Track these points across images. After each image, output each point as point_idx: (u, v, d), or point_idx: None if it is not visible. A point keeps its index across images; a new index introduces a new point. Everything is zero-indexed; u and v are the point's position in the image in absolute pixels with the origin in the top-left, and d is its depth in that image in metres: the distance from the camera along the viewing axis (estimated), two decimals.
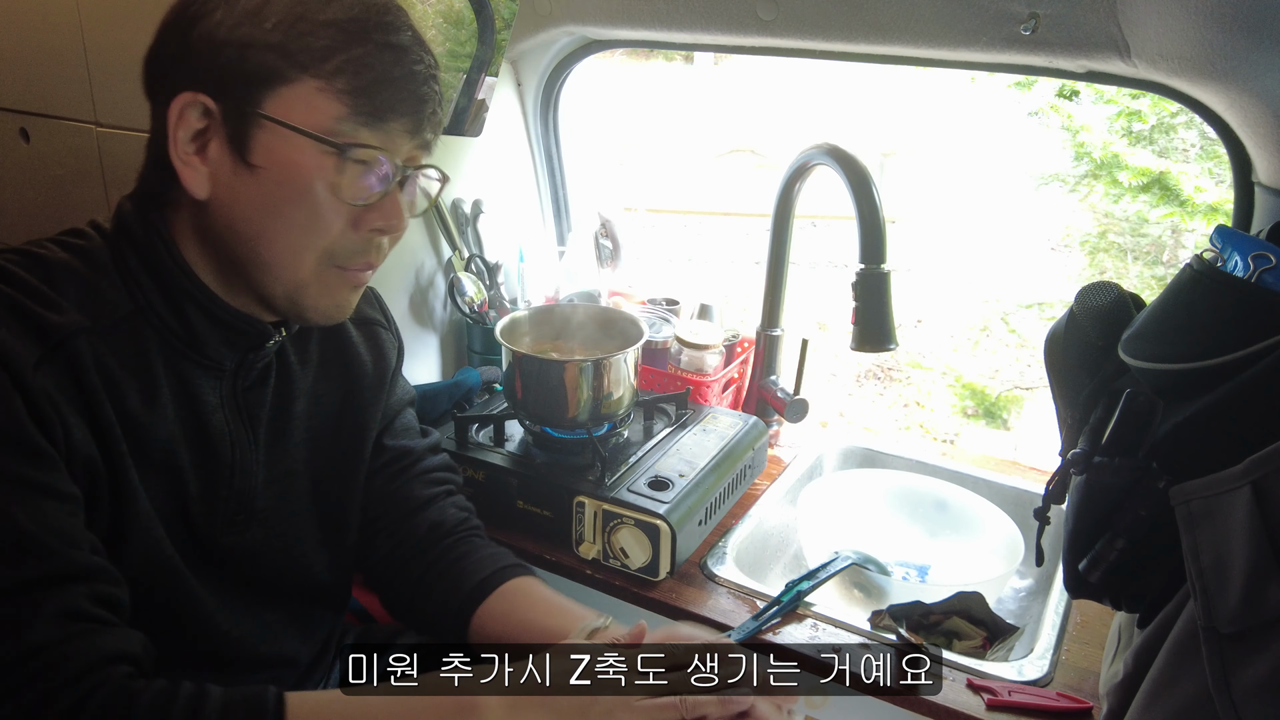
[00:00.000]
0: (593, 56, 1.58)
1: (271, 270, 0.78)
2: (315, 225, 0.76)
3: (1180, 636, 0.69)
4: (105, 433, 0.72)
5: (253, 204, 0.75)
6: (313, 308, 0.81)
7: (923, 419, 4.38)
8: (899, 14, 1.14)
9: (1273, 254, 0.71)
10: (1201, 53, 0.96)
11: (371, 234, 0.79)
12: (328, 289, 0.80)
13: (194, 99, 0.74)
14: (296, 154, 0.74)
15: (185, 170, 0.75)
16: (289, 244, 0.77)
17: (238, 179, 0.75)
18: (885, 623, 1.05)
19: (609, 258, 1.60)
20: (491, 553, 0.98)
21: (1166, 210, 3.80)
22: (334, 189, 0.75)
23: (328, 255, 0.78)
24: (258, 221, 0.76)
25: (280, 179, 0.74)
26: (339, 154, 0.74)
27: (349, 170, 0.75)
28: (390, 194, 0.78)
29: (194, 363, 0.80)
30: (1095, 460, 0.76)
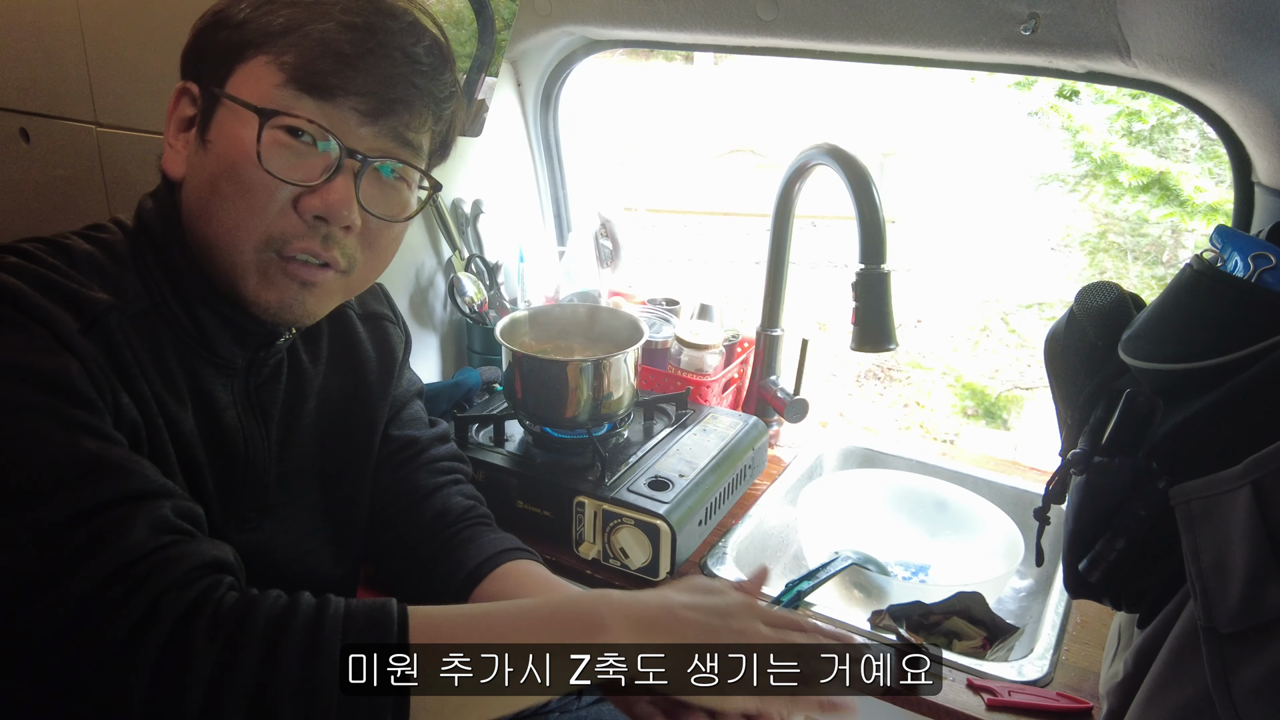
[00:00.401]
0: (593, 56, 1.58)
1: (215, 253, 0.76)
2: (245, 200, 0.73)
3: (1180, 636, 0.69)
4: (146, 406, 0.72)
5: (203, 181, 0.75)
6: (254, 300, 0.76)
7: (923, 419, 4.38)
8: (899, 14, 1.14)
9: (1273, 254, 0.71)
10: (1201, 53, 0.96)
11: (316, 221, 0.74)
12: (268, 280, 0.76)
13: (185, 87, 0.76)
14: (236, 127, 0.73)
15: (169, 153, 0.78)
16: (224, 222, 0.74)
17: (197, 158, 0.76)
18: (885, 623, 1.05)
19: (609, 258, 1.60)
20: (495, 537, 0.97)
21: (1166, 210, 3.80)
22: (259, 159, 0.71)
23: (265, 239, 0.74)
24: (203, 201, 0.75)
25: (220, 152, 0.74)
26: (261, 117, 0.71)
27: (276, 139, 0.72)
28: (339, 180, 0.74)
29: (206, 361, 0.80)
30: (1095, 460, 0.76)
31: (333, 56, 0.72)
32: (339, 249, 0.76)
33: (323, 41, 0.72)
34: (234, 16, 0.74)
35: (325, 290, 0.78)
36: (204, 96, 0.75)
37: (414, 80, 0.75)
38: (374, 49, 0.73)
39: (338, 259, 0.76)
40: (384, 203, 0.78)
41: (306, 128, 0.72)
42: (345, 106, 0.73)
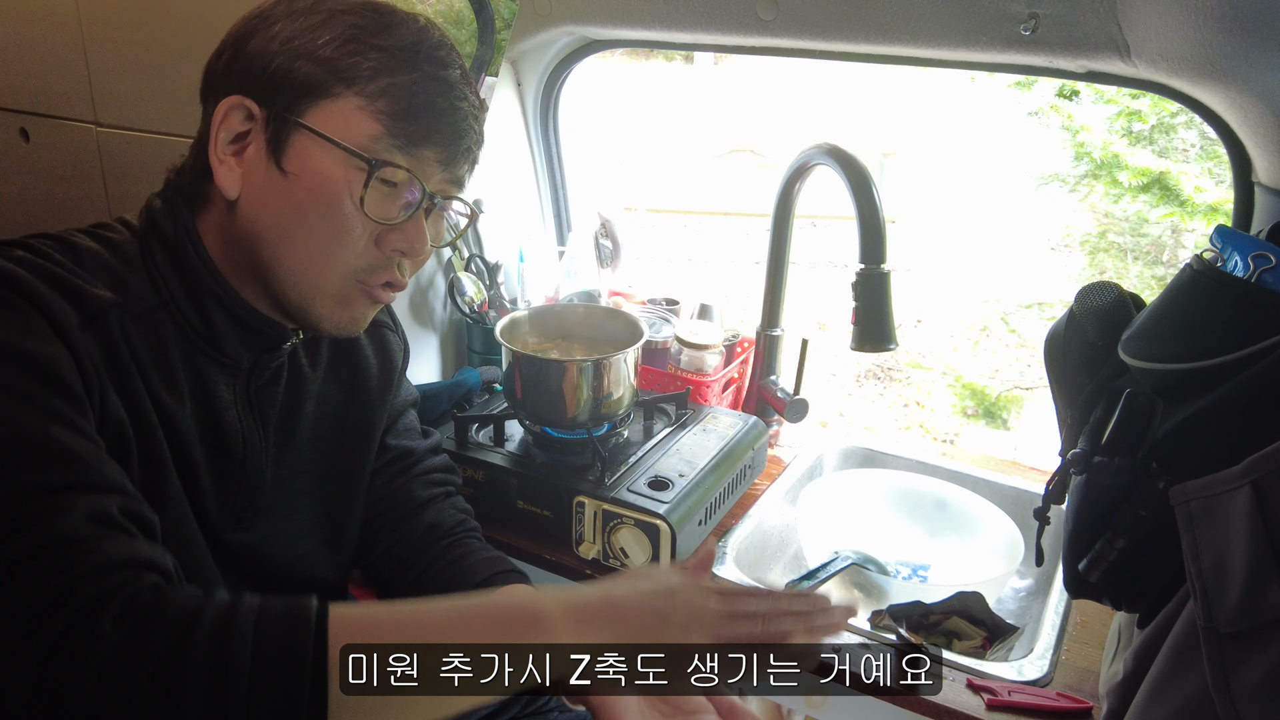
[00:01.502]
0: (593, 56, 1.58)
1: (291, 276, 0.79)
2: (338, 237, 0.77)
3: (1180, 636, 0.69)
4: (138, 404, 0.73)
5: (281, 209, 0.77)
6: (327, 318, 0.82)
7: (923, 419, 4.38)
8: (899, 14, 1.14)
9: (1273, 254, 0.71)
10: (1201, 53, 0.96)
11: (393, 254, 0.80)
12: (346, 301, 0.81)
13: (240, 102, 0.76)
14: (329, 165, 0.76)
15: (220, 169, 0.77)
16: (311, 252, 0.78)
17: (269, 183, 0.77)
18: (885, 623, 1.05)
19: (609, 258, 1.60)
20: (486, 557, 0.98)
21: (1166, 210, 3.80)
22: (360, 203, 0.76)
23: (349, 270, 0.79)
24: (283, 227, 0.77)
25: (310, 187, 0.76)
26: (369, 169, 0.75)
27: (376, 188, 0.76)
28: (416, 218, 0.79)
29: (211, 359, 0.81)
30: (1095, 460, 0.76)
31: (424, 111, 0.77)
32: (402, 274, 0.83)
33: (413, 94, 0.76)
34: (314, 49, 0.75)
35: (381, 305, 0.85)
36: (273, 120, 0.76)
37: (474, 127, 0.81)
38: (454, 102, 0.78)
39: (404, 282, 0.84)
40: (437, 233, 0.86)
41: (402, 179, 0.77)
42: (428, 157, 0.78)
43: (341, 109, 0.75)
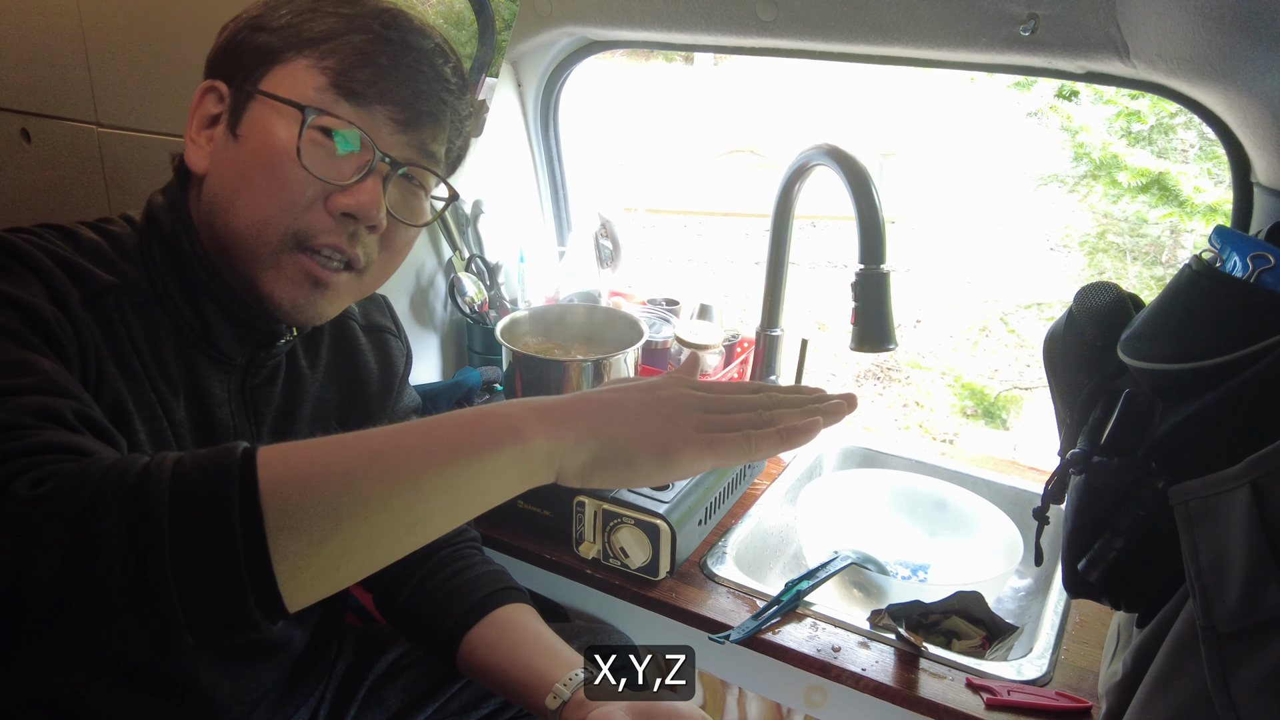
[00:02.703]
0: (593, 57, 1.59)
1: (236, 243, 0.77)
2: (279, 193, 0.75)
3: (1179, 636, 0.69)
4: (137, 384, 0.74)
5: (231, 173, 0.77)
6: (268, 295, 0.77)
7: (922, 419, 4.38)
8: (898, 15, 1.14)
9: (1271, 254, 0.71)
10: (1200, 53, 0.96)
11: (343, 217, 0.76)
12: (286, 277, 0.77)
13: (212, 85, 0.79)
14: (273, 122, 0.75)
15: (191, 147, 0.79)
16: (253, 212, 0.76)
17: (226, 151, 0.78)
18: (885, 622, 1.05)
19: (609, 258, 1.60)
20: (486, 571, 0.99)
21: (1165, 210, 3.81)
22: (298, 154, 0.74)
23: (292, 233, 0.76)
24: (232, 190, 0.77)
25: (255, 146, 0.76)
26: (302, 114, 0.74)
27: (315, 140, 0.75)
28: (369, 180, 0.76)
29: (204, 355, 0.81)
30: (1094, 460, 0.76)
31: (372, 66, 0.75)
32: (361, 246, 0.79)
33: (362, 51, 0.75)
34: (274, 21, 0.77)
35: (337, 291, 0.80)
36: (234, 94, 0.77)
37: (442, 96, 0.79)
38: (409, 64, 0.77)
39: (359, 256, 0.79)
40: (406, 208, 0.82)
41: (345, 129, 0.75)
42: (380, 114, 0.76)
43: (291, 70, 0.76)
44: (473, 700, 1.07)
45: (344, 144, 0.75)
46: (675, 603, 1.10)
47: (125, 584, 0.48)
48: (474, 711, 1.07)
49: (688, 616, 1.09)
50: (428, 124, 0.79)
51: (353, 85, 0.75)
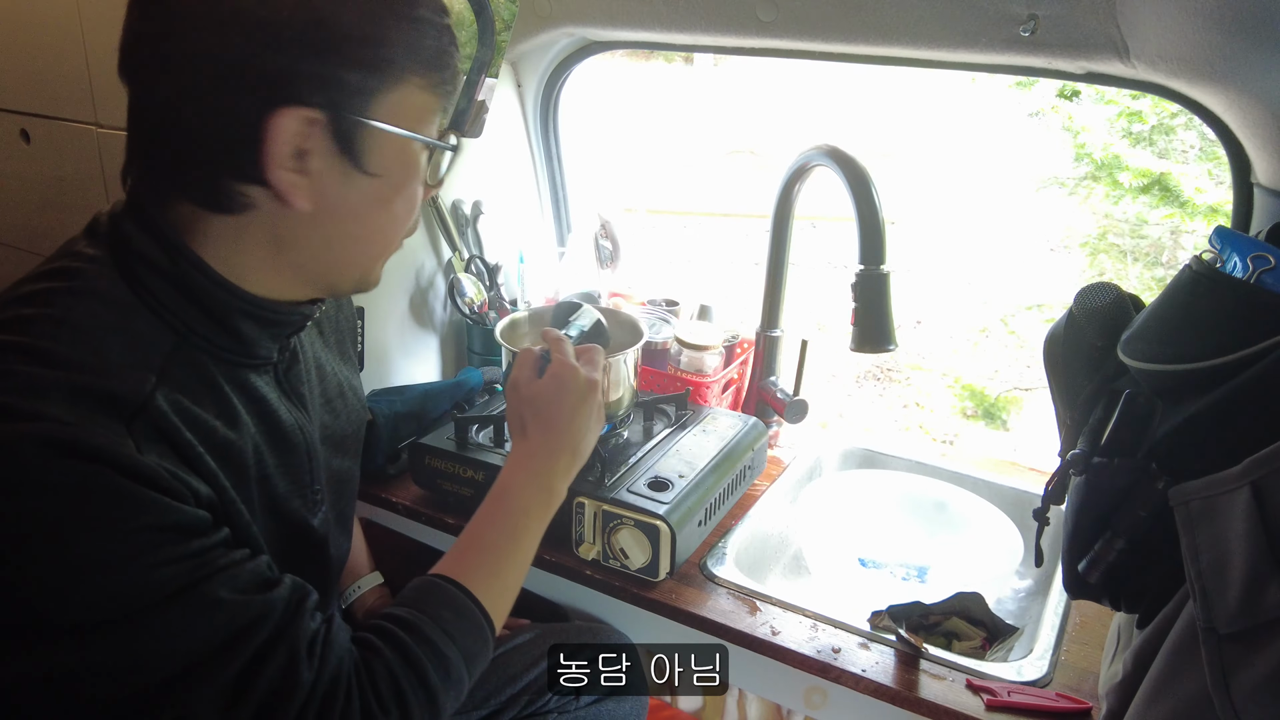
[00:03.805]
0: (593, 58, 1.59)
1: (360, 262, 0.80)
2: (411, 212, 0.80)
3: (1179, 637, 0.69)
4: (212, 480, 0.70)
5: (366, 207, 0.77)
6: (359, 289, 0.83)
7: (922, 420, 4.38)
8: (898, 16, 1.14)
9: (1272, 255, 0.71)
10: (1200, 54, 0.96)
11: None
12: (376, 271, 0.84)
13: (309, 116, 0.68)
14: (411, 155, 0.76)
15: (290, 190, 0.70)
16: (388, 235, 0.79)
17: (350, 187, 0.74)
18: (885, 624, 1.05)
19: (609, 259, 1.60)
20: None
21: (1166, 211, 3.80)
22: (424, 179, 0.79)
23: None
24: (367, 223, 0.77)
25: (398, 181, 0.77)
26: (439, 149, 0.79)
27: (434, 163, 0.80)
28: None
29: (247, 367, 0.78)
30: (1094, 461, 0.76)
31: (466, 98, 0.81)
32: None
33: (460, 79, 0.78)
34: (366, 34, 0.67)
35: None
36: (335, 123, 0.68)
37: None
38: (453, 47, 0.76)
39: None
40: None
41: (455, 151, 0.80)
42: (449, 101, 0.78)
43: (407, 96, 0.72)
44: (472, 701, 1.07)
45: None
46: (675, 604, 1.10)
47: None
48: (474, 711, 1.07)
49: (687, 617, 1.09)
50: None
51: (460, 119, 0.79)
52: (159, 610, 0.61)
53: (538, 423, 0.94)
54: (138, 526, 0.61)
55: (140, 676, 0.61)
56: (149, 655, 0.61)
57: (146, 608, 0.61)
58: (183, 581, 0.63)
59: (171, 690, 0.62)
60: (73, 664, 0.60)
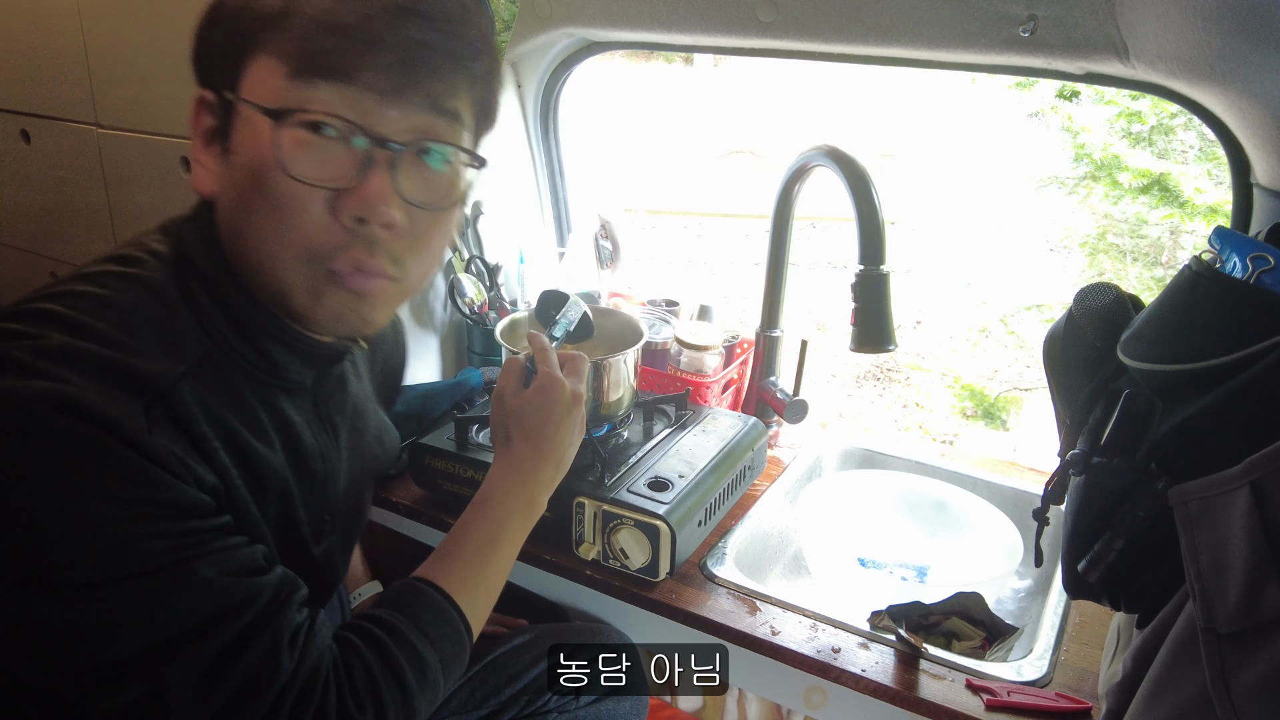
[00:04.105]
0: (592, 58, 1.59)
1: (259, 273, 0.70)
2: (279, 212, 0.66)
3: (1179, 637, 0.69)
4: (223, 475, 0.69)
5: (233, 195, 0.70)
6: (309, 316, 0.72)
7: (922, 420, 4.38)
8: (898, 16, 1.14)
9: (1271, 255, 0.71)
10: (1200, 54, 0.96)
11: (356, 224, 0.67)
12: (318, 296, 0.70)
13: (202, 96, 0.71)
14: (254, 132, 0.66)
15: (196, 169, 0.72)
16: (263, 238, 0.68)
17: (225, 172, 0.70)
18: (885, 624, 1.05)
19: (609, 259, 1.60)
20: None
21: (1166, 211, 3.80)
22: (280, 165, 0.64)
23: (308, 253, 0.68)
24: (238, 216, 0.70)
25: (244, 162, 0.67)
26: (273, 120, 0.64)
27: (295, 139, 0.65)
28: (373, 173, 0.66)
29: (277, 388, 0.77)
30: (1094, 461, 0.76)
31: (332, 31, 0.63)
32: (384, 254, 0.69)
33: (318, 18, 0.64)
34: (228, 8, 0.68)
35: (381, 297, 0.73)
36: (220, 104, 0.69)
37: (430, 41, 0.66)
38: (378, 15, 0.64)
39: (385, 267, 0.70)
40: (427, 189, 0.70)
41: (324, 120, 0.65)
42: (362, 87, 0.64)
43: (259, 66, 0.66)
44: (472, 700, 1.07)
45: (335, 137, 0.65)
46: (675, 604, 1.10)
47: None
48: (474, 711, 1.07)
49: (687, 617, 1.09)
50: (424, 80, 0.66)
51: (319, 61, 0.64)
52: (143, 580, 0.61)
53: (522, 435, 0.94)
54: (132, 497, 0.61)
55: (117, 643, 0.61)
56: (128, 623, 0.61)
57: (131, 576, 0.61)
58: (172, 556, 0.63)
59: (148, 661, 0.61)
60: (51, 621, 0.60)
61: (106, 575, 0.60)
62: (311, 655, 0.68)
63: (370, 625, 0.76)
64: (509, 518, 0.90)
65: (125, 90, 1.50)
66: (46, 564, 0.60)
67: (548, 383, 0.96)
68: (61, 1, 1.47)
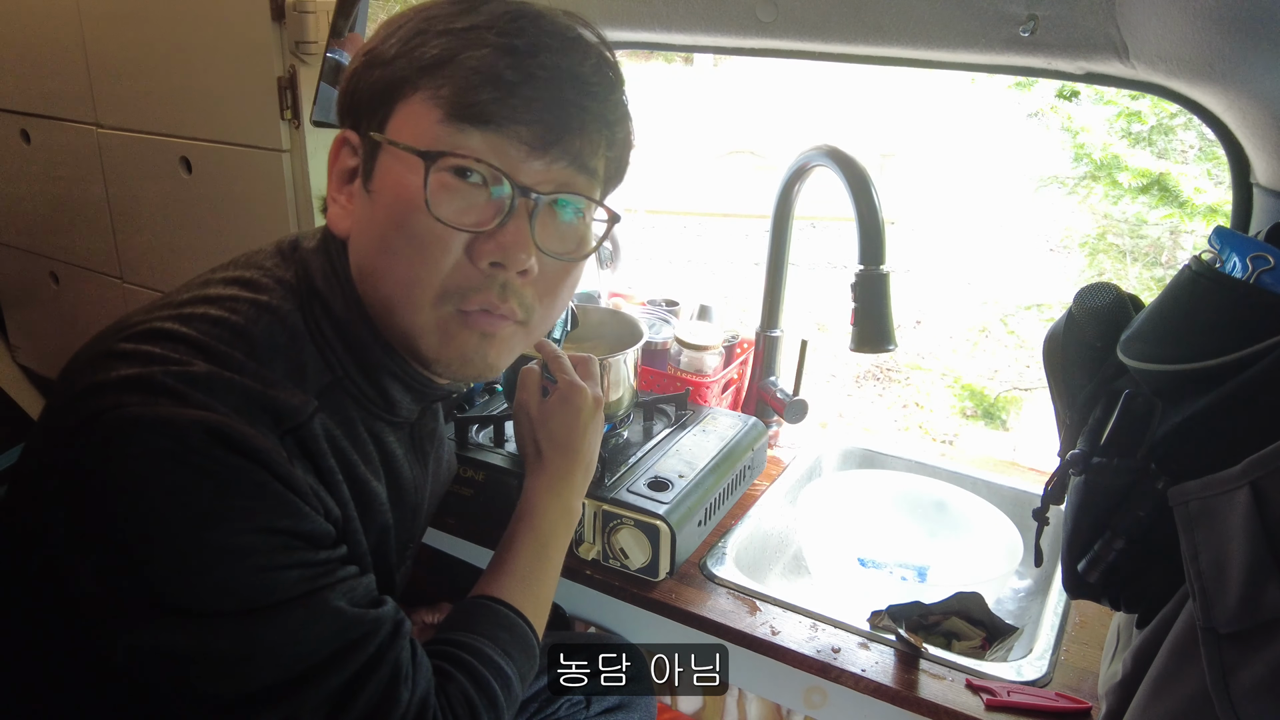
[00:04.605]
0: None
1: (391, 312, 0.72)
2: (419, 253, 0.68)
3: (1179, 637, 0.69)
4: (343, 506, 0.72)
5: (371, 235, 0.70)
6: (436, 358, 0.73)
7: (922, 420, 4.38)
8: (898, 16, 1.14)
9: (1271, 255, 0.71)
10: (1200, 54, 0.96)
11: (490, 269, 0.69)
12: (449, 336, 0.71)
13: (345, 136, 0.72)
14: (402, 173, 0.67)
15: (333, 208, 0.73)
16: (399, 278, 0.69)
17: (364, 211, 0.71)
18: (885, 623, 1.05)
19: (609, 259, 1.60)
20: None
21: (1165, 211, 3.81)
22: (427, 205, 0.66)
23: (444, 294, 0.70)
24: (375, 254, 0.71)
25: (387, 202, 0.68)
26: (425, 161, 0.66)
27: (443, 183, 0.67)
28: (513, 221, 0.68)
29: (386, 422, 0.80)
30: (1094, 461, 0.76)
31: (492, 83, 0.65)
32: (516, 299, 0.72)
33: (480, 69, 0.65)
34: (385, 53, 0.69)
35: (506, 341, 0.74)
36: (364, 144, 0.71)
37: (583, 103, 0.69)
38: (535, 72, 0.66)
39: (515, 310, 0.72)
40: (560, 240, 0.73)
41: (474, 166, 0.67)
42: (511, 138, 0.67)
43: (411, 108, 0.67)
44: None
45: (479, 183, 0.68)
46: (675, 604, 1.10)
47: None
48: None
49: (687, 617, 1.09)
50: (571, 139, 0.69)
51: (474, 110, 0.65)
52: (280, 611, 0.62)
53: (552, 445, 0.96)
54: (277, 528, 0.63)
55: (255, 674, 0.62)
56: (265, 653, 0.62)
57: (269, 607, 0.62)
58: (306, 587, 0.64)
59: (282, 692, 0.63)
60: (187, 648, 0.61)
61: (248, 605, 0.61)
62: (421, 685, 0.70)
63: (455, 650, 0.78)
64: (554, 527, 0.93)
65: (125, 90, 1.50)
66: (191, 592, 0.60)
67: (570, 391, 0.98)
68: (61, 1, 1.47)
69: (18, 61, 1.64)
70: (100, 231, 1.64)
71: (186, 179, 1.47)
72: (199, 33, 1.32)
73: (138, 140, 1.51)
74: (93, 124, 1.56)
